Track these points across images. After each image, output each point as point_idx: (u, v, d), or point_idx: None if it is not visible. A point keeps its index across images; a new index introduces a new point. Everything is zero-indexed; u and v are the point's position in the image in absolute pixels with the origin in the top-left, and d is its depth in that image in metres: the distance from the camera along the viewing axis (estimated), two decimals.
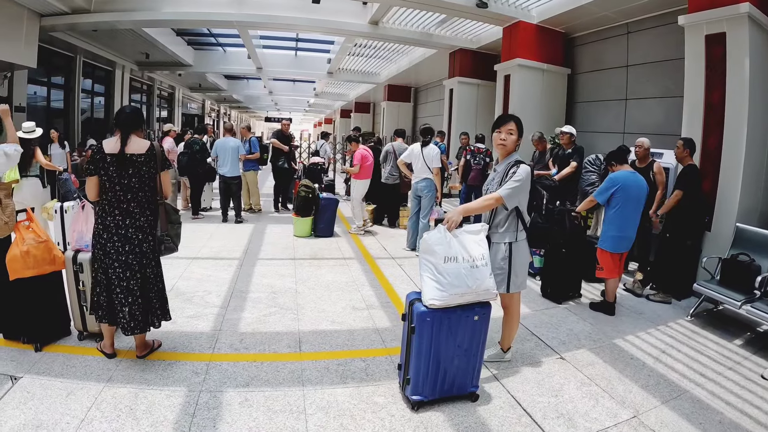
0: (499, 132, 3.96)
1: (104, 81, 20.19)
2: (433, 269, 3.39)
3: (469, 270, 3.36)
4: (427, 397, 3.52)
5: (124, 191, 3.78)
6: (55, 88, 16.84)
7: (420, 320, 3.40)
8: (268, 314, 5.29)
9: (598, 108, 10.66)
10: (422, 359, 3.45)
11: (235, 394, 3.67)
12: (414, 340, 3.45)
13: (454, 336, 3.46)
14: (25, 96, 13.77)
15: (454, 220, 3.46)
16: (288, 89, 31.18)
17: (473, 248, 3.44)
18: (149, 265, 3.95)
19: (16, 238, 4.22)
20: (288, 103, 39.95)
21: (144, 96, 25.23)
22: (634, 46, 9.65)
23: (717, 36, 6.34)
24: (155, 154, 3.86)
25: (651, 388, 3.95)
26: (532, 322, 5.30)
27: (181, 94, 30.35)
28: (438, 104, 19.35)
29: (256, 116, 55.67)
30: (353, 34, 14.39)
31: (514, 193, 3.73)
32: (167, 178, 4.01)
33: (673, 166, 7.06)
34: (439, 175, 7.88)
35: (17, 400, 3.46)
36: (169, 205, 4.07)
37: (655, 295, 6.26)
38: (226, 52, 22.02)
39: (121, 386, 3.71)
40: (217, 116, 42.84)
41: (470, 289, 3.35)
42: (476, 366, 3.59)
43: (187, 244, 7.97)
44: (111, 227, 3.81)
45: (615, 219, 5.60)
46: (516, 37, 11.03)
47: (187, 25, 15.99)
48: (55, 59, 16.25)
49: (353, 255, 8.02)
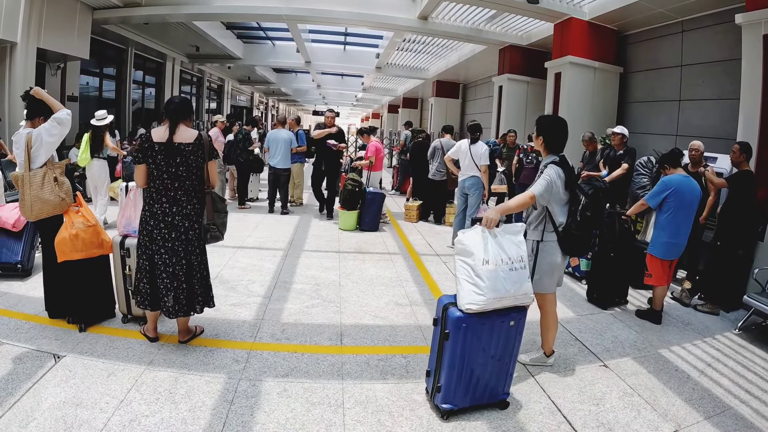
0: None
1: (155, 73, 20.67)
2: (470, 271, 3.27)
3: (508, 273, 3.25)
4: (458, 406, 3.41)
5: (172, 179, 3.87)
6: (107, 79, 17.38)
7: (455, 326, 3.27)
8: (310, 306, 5.37)
9: (651, 108, 10.39)
10: (455, 367, 3.32)
11: (274, 383, 3.73)
12: (447, 347, 3.32)
13: (489, 342, 3.34)
14: (77, 86, 14.24)
15: (492, 219, 3.36)
16: (336, 83, 31.41)
17: (511, 249, 3.34)
18: (194, 252, 4.04)
19: (65, 222, 4.37)
20: (335, 97, 40.10)
21: (194, 88, 25.75)
22: (689, 44, 9.35)
23: None
24: (203, 143, 3.94)
25: (695, 402, 3.85)
26: (576, 327, 5.24)
27: (230, 87, 30.88)
28: (486, 101, 19.17)
29: (303, 109, 56.21)
30: (402, 29, 14.38)
31: (544, 191, 3.70)
32: (214, 168, 4.09)
33: (727, 171, 6.82)
34: (487, 172, 7.80)
35: (59, 378, 3.59)
36: (216, 194, 4.17)
37: (703, 305, 6.07)
38: (275, 46, 22.32)
39: (162, 370, 3.82)
40: (265, 109, 43.45)
41: (509, 293, 3.25)
42: (508, 372, 3.51)
43: (233, 234, 8.16)
44: (158, 214, 3.92)
45: (667, 224, 5.45)
46: (567, 34, 10.84)
47: (237, 18, 16.34)
48: (107, 51, 16.74)
49: (398, 250, 8.05)
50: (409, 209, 10.62)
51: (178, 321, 4.21)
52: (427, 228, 10.05)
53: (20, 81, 10.45)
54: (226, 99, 30.56)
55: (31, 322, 4.54)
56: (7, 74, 10.56)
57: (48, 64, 12.83)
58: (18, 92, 10.27)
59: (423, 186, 10.86)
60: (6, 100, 10.64)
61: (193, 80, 25.32)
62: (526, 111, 14.53)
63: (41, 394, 3.38)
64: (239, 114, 32.41)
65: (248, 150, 10.89)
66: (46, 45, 11.19)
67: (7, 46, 10.40)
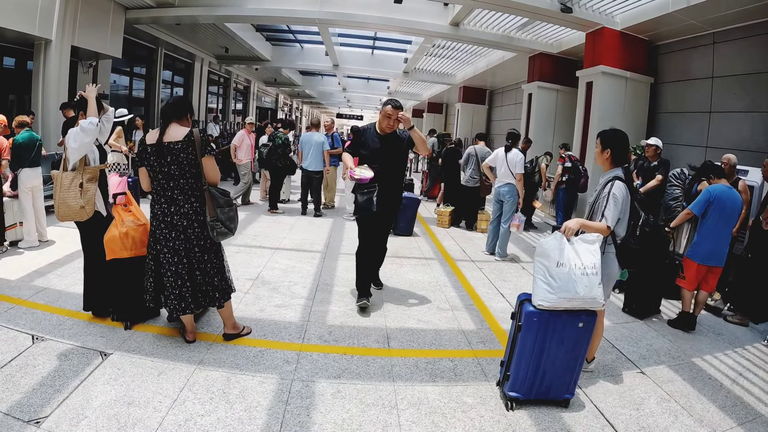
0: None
1: (184, 73, 20.95)
2: (545, 272, 3.54)
3: (580, 277, 3.47)
4: (524, 396, 3.69)
5: (167, 179, 3.91)
6: (137, 78, 17.69)
7: (527, 320, 3.58)
8: (354, 309, 5.46)
9: (681, 119, 10.49)
10: (524, 358, 3.62)
11: (327, 384, 3.81)
12: (519, 339, 3.64)
13: (557, 340, 3.60)
14: (108, 84, 14.58)
15: (572, 228, 3.63)
16: (362, 87, 31.45)
17: (586, 256, 3.55)
18: (192, 250, 4.03)
19: (115, 220, 4.42)
20: (360, 100, 40.22)
21: (221, 89, 26.02)
22: (720, 56, 9.46)
23: None
24: (194, 140, 3.90)
25: (728, 409, 3.99)
26: (612, 335, 5.37)
27: (256, 88, 31.14)
28: (513, 108, 19.25)
29: (327, 112, 56.23)
30: (433, 35, 14.51)
31: (615, 218, 3.84)
32: (209, 164, 4.01)
33: (758, 184, 6.93)
34: (521, 181, 7.93)
35: (108, 376, 3.63)
36: (216, 189, 4.07)
37: (733, 316, 6.19)
38: (303, 49, 22.49)
39: (213, 369, 3.88)
40: (290, 110, 43.60)
41: (578, 296, 3.46)
42: (575, 373, 3.72)
43: (270, 235, 8.46)
44: (158, 215, 3.99)
45: (708, 232, 5.64)
46: (600, 43, 10.97)
47: (269, 21, 16.49)
48: (137, 50, 17.00)
49: (433, 255, 8.20)
50: (442, 215, 10.71)
51: (183, 319, 4.23)
52: (460, 234, 10.18)
53: (54, 78, 10.76)
54: (252, 100, 30.84)
55: (74, 318, 4.62)
56: (41, 71, 10.83)
57: (80, 62, 13.12)
58: (52, 89, 10.66)
59: (455, 192, 10.99)
60: (40, 97, 10.91)
61: (220, 81, 25.58)
62: (555, 119, 14.66)
63: (90, 391, 3.41)
64: (264, 115, 32.67)
65: (287, 155, 10.90)
66: (80, 43, 11.48)
67: (41, 44, 10.68)
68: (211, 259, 4.17)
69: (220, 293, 4.24)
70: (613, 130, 4.19)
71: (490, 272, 7.41)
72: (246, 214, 10.10)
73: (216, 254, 4.22)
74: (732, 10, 8.44)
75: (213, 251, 4.18)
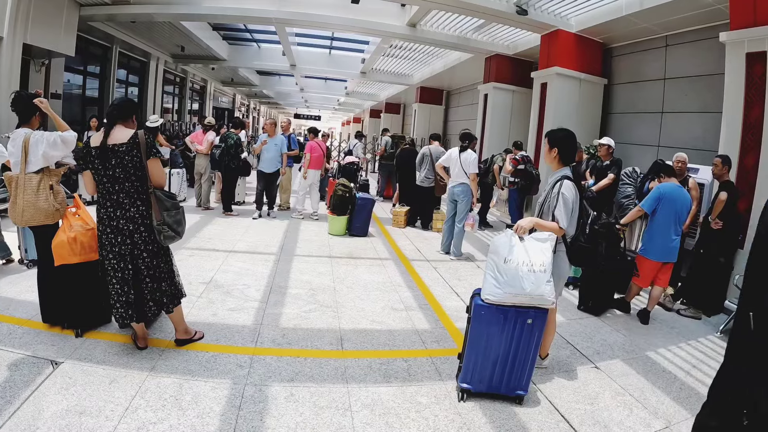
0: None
1: (139, 72, 20.43)
2: (494, 267, 3.61)
3: (527, 273, 3.49)
4: (475, 388, 3.75)
5: (111, 182, 3.79)
6: (90, 77, 17.10)
7: (476, 312, 3.65)
8: (308, 311, 5.40)
9: (634, 120, 10.67)
10: (473, 350, 3.70)
11: (281, 388, 3.75)
12: (469, 331, 3.71)
13: (506, 334, 3.63)
14: (61, 83, 13.94)
15: (524, 227, 3.68)
16: (320, 87, 31.27)
17: (536, 254, 3.57)
18: (140, 256, 3.93)
19: (63, 224, 4.27)
20: (318, 100, 40.04)
21: (176, 88, 25.47)
22: (672, 59, 9.65)
23: (758, 54, 6.34)
24: (138, 142, 3.80)
25: (683, 401, 4.05)
26: (567, 330, 5.40)
27: (212, 88, 30.64)
28: (470, 108, 19.39)
29: (285, 112, 55.88)
30: (390, 36, 14.49)
31: (568, 217, 3.85)
32: (154, 166, 3.90)
33: (708, 182, 7.10)
34: (475, 180, 7.98)
35: (59, 385, 3.52)
36: (161, 192, 3.96)
37: (686, 310, 6.32)
38: (260, 48, 22.22)
39: (165, 376, 3.79)
40: (247, 111, 43.17)
41: (524, 292, 3.48)
42: (526, 370, 3.72)
43: (224, 238, 8.29)
44: (104, 219, 3.86)
45: (659, 229, 5.81)
46: (554, 45, 11.09)
47: (226, 20, 16.21)
48: (91, 48, 16.49)
49: (389, 255, 8.15)
50: (397, 215, 10.69)
51: (135, 326, 4.11)
52: (416, 234, 10.16)
53: (5, 77, 10.25)
54: (209, 100, 30.31)
55: (25, 327, 4.43)
56: None
57: (32, 61, 12.54)
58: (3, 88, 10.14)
59: (410, 192, 10.98)
60: None
61: (176, 80, 25.06)
62: (511, 119, 14.78)
63: (42, 402, 3.31)
64: (221, 115, 32.24)
65: (239, 156, 10.71)
66: (32, 41, 10.98)
67: None
68: (159, 264, 4.05)
69: (168, 298, 4.12)
70: (560, 129, 4.20)
71: (445, 272, 7.39)
72: (200, 217, 9.92)
73: (164, 258, 4.11)
74: (684, 14, 8.62)
75: (161, 255, 4.07)
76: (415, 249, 8.76)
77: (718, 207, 6.11)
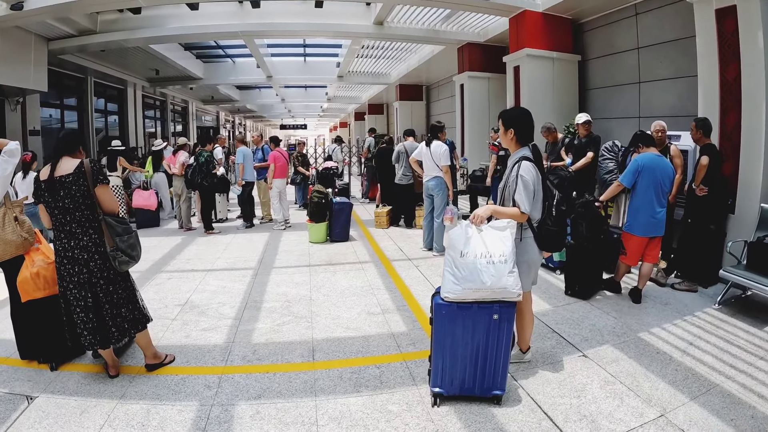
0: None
1: (117, 99, 20.45)
2: (452, 262, 3.41)
3: (485, 266, 3.29)
4: (447, 391, 3.55)
5: (63, 214, 3.81)
6: (68, 110, 17.08)
7: (437, 312, 3.46)
8: (281, 324, 5.24)
9: (612, 93, 10.41)
10: (440, 352, 3.51)
11: (247, 406, 3.65)
12: (433, 332, 3.53)
13: (470, 333, 3.43)
14: (38, 119, 13.99)
15: (480, 216, 3.47)
16: (300, 95, 31.29)
17: (494, 244, 3.37)
18: (98, 284, 3.92)
19: (26, 261, 4.23)
20: (301, 109, 40.17)
21: (157, 111, 25.50)
22: (644, 27, 9.40)
23: (727, 9, 6.09)
24: (84, 171, 3.83)
25: (679, 384, 3.78)
26: (552, 318, 5.15)
27: (194, 108, 30.67)
28: (450, 101, 19.21)
29: (271, 124, 55.93)
30: (359, 36, 14.39)
31: (530, 201, 3.59)
32: (103, 193, 3.90)
33: (692, 148, 6.84)
34: (448, 172, 7.72)
35: (32, 420, 3.50)
36: (111, 218, 3.96)
37: (680, 283, 6.06)
38: (235, 63, 22.13)
39: (134, 403, 3.73)
40: (233, 127, 43.14)
41: (485, 286, 3.27)
42: (500, 368, 3.49)
43: (202, 257, 8.19)
44: (60, 251, 3.88)
45: (641, 202, 5.51)
46: (523, 26, 10.82)
47: (193, 39, 16.23)
48: (66, 81, 16.49)
49: (369, 258, 7.94)
50: (379, 215, 10.50)
51: (104, 354, 4.13)
52: (399, 233, 9.96)
53: None
54: (192, 120, 30.33)
55: (3, 365, 4.42)
56: None
57: (7, 100, 12.63)
58: None
59: (391, 191, 10.81)
60: None
61: (156, 104, 25.04)
62: (489, 107, 14.60)
63: None
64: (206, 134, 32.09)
65: (212, 173, 10.39)
66: (2, 80, 11.01)
67: None
68: (117, 290, 4.04)
69: (129, 323, 4.10)
70: (514, 108, 4.04)
71: (426, 269, 7.19)
72: (182, 238, 9.79)
73: (123, 284, 4.10)
74: None
75: (118, 282, 4.06)
76: (398, 249, 8.55)
77: (701, 172, 5.84)
